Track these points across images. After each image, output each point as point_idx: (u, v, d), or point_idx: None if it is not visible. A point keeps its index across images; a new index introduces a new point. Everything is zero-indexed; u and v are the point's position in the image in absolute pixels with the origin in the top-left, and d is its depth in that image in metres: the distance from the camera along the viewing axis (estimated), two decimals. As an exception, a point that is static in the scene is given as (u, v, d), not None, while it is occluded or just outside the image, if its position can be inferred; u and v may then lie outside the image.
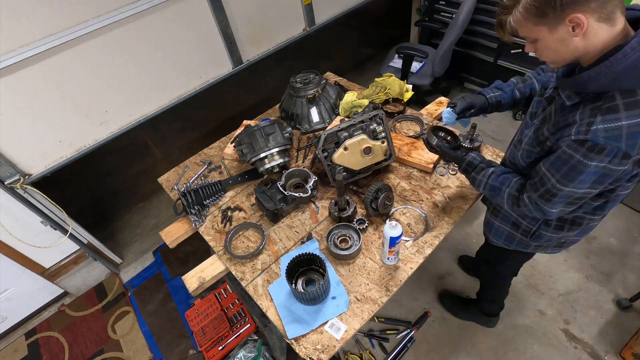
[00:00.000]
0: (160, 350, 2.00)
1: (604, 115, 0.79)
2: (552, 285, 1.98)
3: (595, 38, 0.78)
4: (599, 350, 1.74)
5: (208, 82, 2.15)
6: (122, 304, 2.24)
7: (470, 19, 2.38)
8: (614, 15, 0.75)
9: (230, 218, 1.52)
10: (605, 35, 0.77)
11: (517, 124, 2.77)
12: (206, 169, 1.75)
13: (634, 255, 2.04)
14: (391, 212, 1.42)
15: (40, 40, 1.50)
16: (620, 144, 0.78)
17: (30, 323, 2.24)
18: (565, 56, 0.84)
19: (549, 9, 0.77)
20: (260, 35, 2.23)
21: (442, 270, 2.11)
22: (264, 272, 1.33)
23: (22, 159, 1.69)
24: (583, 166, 0.83)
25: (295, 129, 1.86)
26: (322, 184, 1.58)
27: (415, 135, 1.69)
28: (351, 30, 3.03)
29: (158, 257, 2.43)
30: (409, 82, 2.56)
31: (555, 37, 0.81)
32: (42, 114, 1.65)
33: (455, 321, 1.91)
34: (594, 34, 0.77)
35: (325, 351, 1.11)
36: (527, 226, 1.16)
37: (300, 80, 1.86)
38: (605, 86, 0.79)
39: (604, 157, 0.80)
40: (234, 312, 2.03)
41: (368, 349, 1.86)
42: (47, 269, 2.13)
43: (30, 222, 1.86)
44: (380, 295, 1.21)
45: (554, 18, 0.78)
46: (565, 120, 0.88)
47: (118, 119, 1.90)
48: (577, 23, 0.76)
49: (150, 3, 1.70)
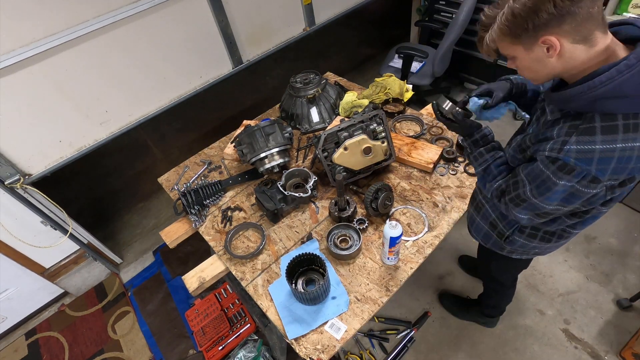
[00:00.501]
0: (160, 350, 2.00)
1: (579, 135, 0.78)
2: (552, 285, 1.98)
3: (572, 59, 0.77)
4: (599, 350, 1.74)
5: (208, 82, 2.15)
6: (122, 304, 2.24)
7: (470, 19, 2.38)
8: (592, 36, 0.74)
9: (230, 218, 1.52)
10: (583, 56, 0.76)
11: (517, 124, 2.77)
12: (206, 169, 1.75)
13: (634, 255, 2.04)
14: (391, 212, 1.42)
15: (40, 40, 1.50)
16: (590, 167, 0.77)
17: (30, 323, 2.23)
18: (544, 75, 0.84)
19: (521, 31, 0.76)
20: (260, 35, 2.23)
21: (442, 270, 2.11)
22: (264, 272, 1.33)
23: (22, 159, 1.69)
24: (552, 183, 0.83)
25: (295, 129, 1.86)
26: (322, 184, 1.58)
27: (415, 135, 1.69)
28: (351, 30, 3.03)
29: (158, 257, 2.43)
30: (409, 82, 2.56)
31: (531, 56, 0.80)
32: (42, 114, 1.65)
33: (455, 321, 1.91)
34: (570, 56, 0.76)
35: (325, 351, 1.11)
36: (502, 229, 1.15)
37: (300, 80, 1.86)
38: (585, 107, 0.78)
39: (572, 178, 0.80)
40: (234, 312, 2.03)
41: (368, 349, 1.86)
42: (47, 269, 2.13)
43: (30, 222, 1.86)
44: (380, 295, 1.21)
45: (528, 39, 0.77)
46: (544, 134, 0.87)
47: (118, 119, 1.90)
48: (550, 45, 0.75)
49: (150, 3, 1.70)
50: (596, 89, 0.74)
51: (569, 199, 0.85)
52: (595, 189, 0.81)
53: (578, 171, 0.78)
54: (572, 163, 0.78)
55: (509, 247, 1.19)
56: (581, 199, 0.84)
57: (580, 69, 0.78)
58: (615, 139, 0.75)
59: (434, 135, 1.68)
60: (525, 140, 0.95)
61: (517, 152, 0.99)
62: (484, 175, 1.08)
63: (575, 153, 0.78)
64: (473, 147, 1.11)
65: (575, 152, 0.78)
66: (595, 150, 0.76)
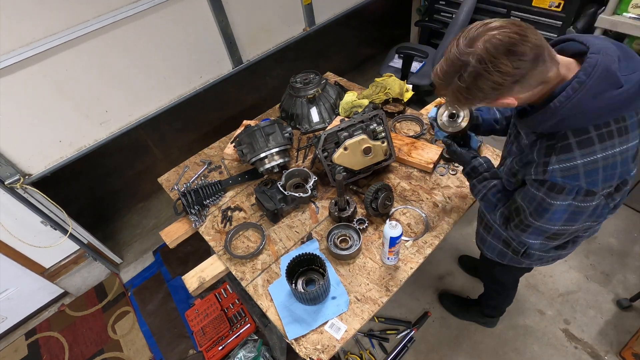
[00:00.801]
0: (160, 350, 2.00)
1: (558, 155, 0.78)
2: (552, 285, 1.98)
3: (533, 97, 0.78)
4: (599, 350, 1.74)
5: (208, 82, 2.15)
6: (122, 304, 2.24)
7: (470, 19, 2.38)
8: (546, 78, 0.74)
9: (230, 218, 1.52)
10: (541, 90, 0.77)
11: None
12: (206, 169, 1.75)
13: (634, 255, 2.04)
14: (391, 212, 1.42)
15: (40, 40, 1.50)
16: (580, 182, 0.77)
17: (30, 323, 2.24)
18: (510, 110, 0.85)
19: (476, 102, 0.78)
20: (260, 35, 2.23)
21: (442, 270, 2.11)
22: (264, 272, 1.33)
23: (22, 159, 1.69)
24: (547, 204, 0.83)
25: (295, 129, 1.86)
26: (322, 184, 1.58)
27: (415, 135, 1.69)
28: (351, 30, 3.03)
29: (158, 257, 2.43)
30: (409, 82, 2.55)
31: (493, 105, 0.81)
32: (42, 114, 1.65)
33: (455, 321, 1.91)
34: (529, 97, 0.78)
35: (325, 351, 1.11)
36: (516, 247, 1.15)
37: (300, 80, 1.86)
38: (555, 127, 0.78)
39: (566, 196, 0.80)
40: (234, 312, 2.03)
41: (368, 349, 1.86)
42: (47, 269, 2.13)
43: (30, 222, 1.86)
44: (380, 295, 1.21)
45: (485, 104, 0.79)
46: (527, 157, 0.88)
47: (118, 119, 1.90)
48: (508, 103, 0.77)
49: (150, 3, 1.70)
50: (557, 110, 0.74)
51: (572, 217, 0.85)
52: (594, 201, 0.81)
53: (569, 189, 0.79)
54: (560, 182, 0.79)
55: (527, 261, 1.18)
56: (584, 214, 0.84)
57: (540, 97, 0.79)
58: (594, 150, 0.75)
59: (434, 135, 1.68)
60: (513, 164, 0.95)
61: (509, 176, 0.99)
62: (486, 205, 1.09)
63: (559, 172, 0.78)
64: (467, 179, 1.14)
65: (559, 171, 0.78)
66: (577, 165, 0.76)
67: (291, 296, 1.23)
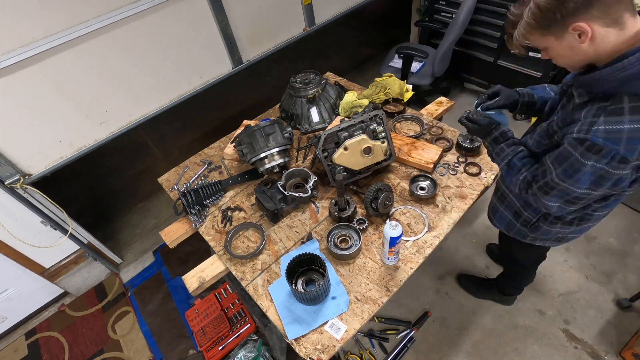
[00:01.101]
0: (160, 350, 2.00)
1: (608, 116, 0.78)
2: (552, 286, 1.98)
3: (604, 43, 0.78)
4: (599, 350, 1.74)
5: (208, 82, 2.15)
6: (122, 304, 2.24)
7: (470, 19, 2.38)
8: (622, 19, 0.75)
9: (230, 218, 1.52)
10: (615, 40, 0.77)
11: (517, 124, 2.76)
12: (206, 169, 1.75)
13: (634, 255, 2.04)
14: (391, 212, 1.42)
15: (40, 40, 1.50)
16: (619, 147, 0.77)
17: (30, 323, 2.24)
18: (578, 61, 0.85)
19: (550, 21, 0.77)
20: (260, 35, 2.23)
21: (442, 270, 2.11)
22: (264, 272, 1.33)
23: (22, 159, 1.69)
24: (580, 164, 0.84)
25: (295, 129, 1.86)
26: (322, 184, 1.58)
27: (415, 135, 1.69)
28: (351, 30, 3.03)
29: (158, 257, 2.43)
30: (409, 82, 2.56)
31: (563, 44, 0.81)
32: (42, 114, 1.65)
33: (455, 321, 1.91)
34: (602, 39, 0.77)
35: (325, 351, 1.11)
36: (527, 217, 1.17)
37: (300, 80, 1.86)
38: (614, 88, 0.79)
39: (601, 159, 0.80)
40: (234, 312, 2.03)
41: (368, 349, 1.86)
42: (47, 269, 2.13)
43: (30, 222, 1.86)
44: (380, 295, 1.21)
45: (558, 29, 0.78)
46: (572, 117, 0.88)
47: (118, 119, 1.90)
48: (582, 31, 0.76)
49: (150, 3, 1.70)
50: (625, 69, 0.75)
51: (598, 181, 0.85)
52: (625, 170, 0.81)
53: (606, 151, 0.79)
54: (601, 143, 0.79)
55: (532, 235, 1.21)
56: (610, 180, 0.84)
57: (611, 53, 0.79)
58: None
59: (434, 135, 1.68)
60: (552, 125, 0.96)
61: (543, 137, 1.00)
62: (509, 170, 1.09)
63: (603, 133, 0.78)
64: (494, 145, 1.13)
65: (603, 132, 0.78)
66: (623, 130, 0.77)
67: (291, 296, 1.23)
